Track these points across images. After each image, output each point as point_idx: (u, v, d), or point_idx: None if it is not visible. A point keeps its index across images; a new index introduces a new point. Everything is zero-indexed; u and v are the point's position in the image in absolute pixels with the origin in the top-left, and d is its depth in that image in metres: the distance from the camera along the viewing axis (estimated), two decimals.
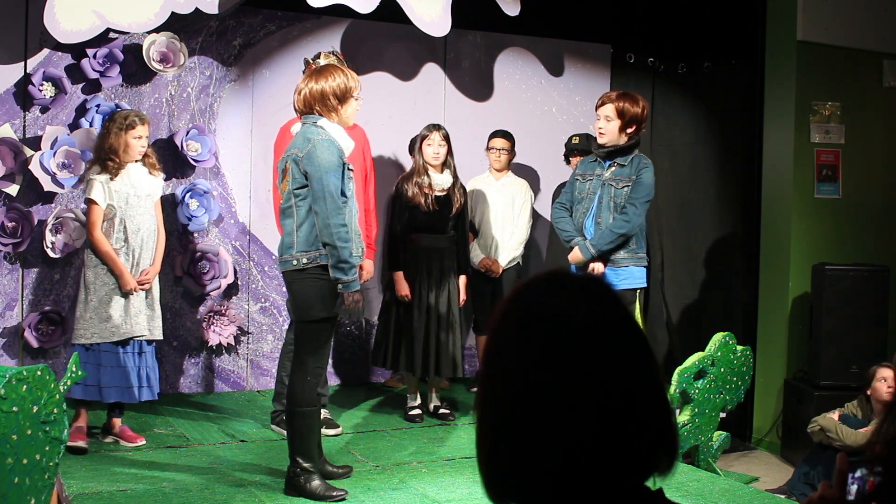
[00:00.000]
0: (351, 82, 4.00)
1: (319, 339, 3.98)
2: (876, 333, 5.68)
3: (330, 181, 3.82)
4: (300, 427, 3.97)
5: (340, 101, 3.97)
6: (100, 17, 4.93)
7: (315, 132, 3.90)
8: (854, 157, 6.17)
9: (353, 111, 4.06)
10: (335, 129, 3.97)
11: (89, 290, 4.53)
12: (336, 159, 3.86)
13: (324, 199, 3.82)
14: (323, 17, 5.79)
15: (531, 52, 6.46)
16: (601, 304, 1.16)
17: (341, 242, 3.81)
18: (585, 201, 4.75)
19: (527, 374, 1.11)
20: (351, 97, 4.00)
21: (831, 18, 6.06)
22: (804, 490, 4.84)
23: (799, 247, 6.05)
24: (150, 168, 4.71)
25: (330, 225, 3.81)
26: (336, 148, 3.89)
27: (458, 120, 6.15)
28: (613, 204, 4.65)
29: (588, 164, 4.84)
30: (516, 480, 1.12)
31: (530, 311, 1.15)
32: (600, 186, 4.70)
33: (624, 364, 1.12)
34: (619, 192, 4.64)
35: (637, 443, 1.11)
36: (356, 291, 3.87)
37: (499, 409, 1.14)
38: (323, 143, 3.85)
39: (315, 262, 3.87)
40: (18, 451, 3.10)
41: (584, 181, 4.78)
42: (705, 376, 4.74)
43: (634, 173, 4.65)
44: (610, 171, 4.70)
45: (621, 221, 4.60)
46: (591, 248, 4.62)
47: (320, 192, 3.82)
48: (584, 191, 4.76)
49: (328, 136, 3.90)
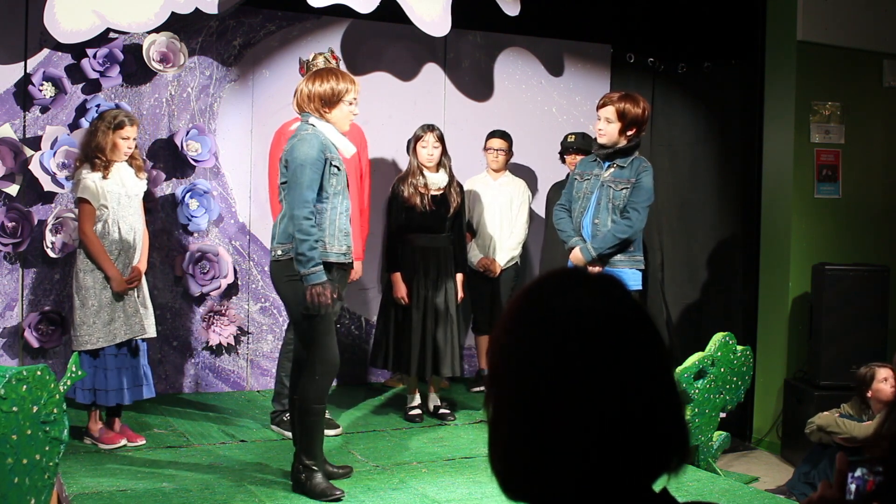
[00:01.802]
0: (341, 85, 4.04)
1: (315, 333, 3.97)
2: (876, 333, 5.68)
3: (303, 173, 3.86)
4: (306, 424, 3.98)
5: (328, 105, 4.03)
6: (100, 17, 4.93)
7: (304, 128, 4.00)
8: (854, 157, 6.17)
9: (344, 116, 4.09)
10: (326, 128, 4.02)
11: (88, 294, 4.50)
12: (315, 153, 3.90)
13: (292, 190, 3.88)
14: (323, 17, 5.79)
15: (531, 52, 6.46)
16: (618, 301, 1.15)
17: (301, 234, 3.83)
18: (582, 200, 4.76)
19: (544, 371, 1.11)
20: (340, 101, 4.04)
21: (831, 18, 6.06)
22: (804, 490, 4.84)
23: (799, 247, 6.05)
24: (137, 170, 4.69)
25: (294, 217, 3.85)
26: (318, 142, 3.93)
27: (458, 120, 6.16)
28: (612, 205, 4.65)
29: (587, 164, 4.85)
30: (533, 479, 1.11)
31: (547, 308, 1.14)
32: (598, 187, 4.71)
33: (641, 361, 1.12)
34: (617, 194, 4.65)
35: (652, 441, 1.11)
36: (318, 285, 3.84)
37: (513, 406, 1.13)
38: (305, 138, 3.92)
39: (288, 255, 3.92)
40: (18, 451, 3.10)
41: (582, 180, 4.79)
42: (705, 376, 4.74)
43: (634, 176, 4.65)
44: (609, 172, 4.70)
45: (624, 226, 4.61)
46: (593, 251, 4.62)
47: (292, 183, 3.89)
48: (582, 190, 4.77)
49: (314, 132, 3.97)
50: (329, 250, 3.98)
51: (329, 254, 3.98)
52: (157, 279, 5.39)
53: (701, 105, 6.64)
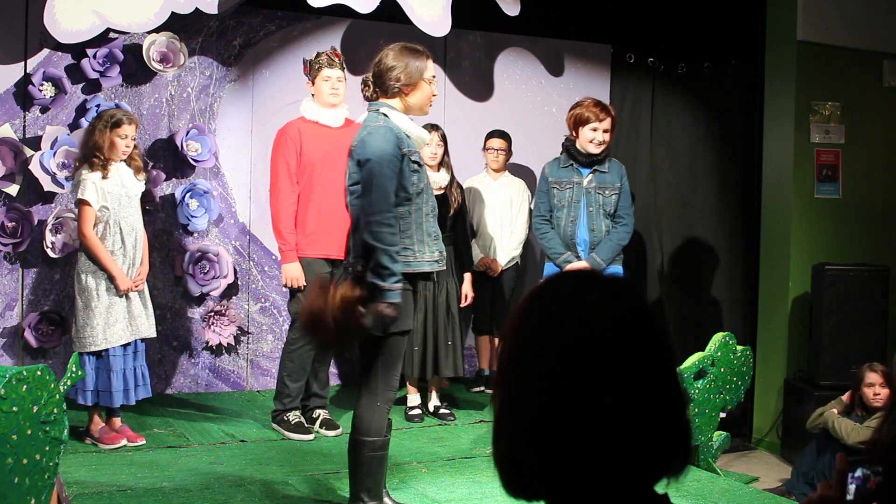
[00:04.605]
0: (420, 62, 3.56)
1: (392, 357, 3.49)
2: (876, 333, 5.68)
3: (382, 172, 3.35)
4: (367, 460, 3.48)
5: (407, 87, 3.54)
6: (100, 17, 4.93)
7: (373, 119, 3.51)
8: (854, 157, 6.17)
9: (426, 98, 3.61)
10: (400, 118, 3.52)
11: (91, 296, 4.49)
12: (391, 148, 3.39)
13: (370, 191, 3.35)
14: (323, 17, 5.79)
15: (531, 52, 6.46)
16: (627, 304, 1.16)
17: (381, 244, 3.32)
18: (569, 209, 4.85)
19: (551, 370, 1.11)
20: (422, 80, 3.56)
21: (831, 18, 6.06)
22: (804, 490, 4.84)
23: (799, 247, 6.05)
24: (136, 171, 4.69)
25: (371, 223, 3.34)
26: (393, 136, 3.42)
27: (458, 120, 6.15)
28: (603, 212, 4.87)
29: (560, 171, 4.94)
30: (536, 477, 1.12)
31: (557, 308, 1.15)
32: (584, 194, 4.82)
33: (648, 363, 1.13)
34: (608, 200, 4.87)
35: (655, 442, 1.11)
36: (390, 304, 3.33)
37: (520, 404, 1.13)
38: (379, 130, 3.43)
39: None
40: (18, 451, 3.10)
41: (563, 189, 4.88)
42: (705, 376, 4.75)
43: (619, 180, 4.90)
44: (590, 179, 4.87)
45: (624, 234, 4.90)
46: (602, 262, 4.81)
47: (367, 185, 3.37)
48: (565, 199, 4.88)
49: (386, 123, 3.47)
50: (420, 259, 3.50)
51: (421, 263, 3.50)
52: (157, 279, 5.39)
53: (701, 105, 6.64)
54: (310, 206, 4.85)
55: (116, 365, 4.51)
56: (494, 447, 1.17)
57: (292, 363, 4.87)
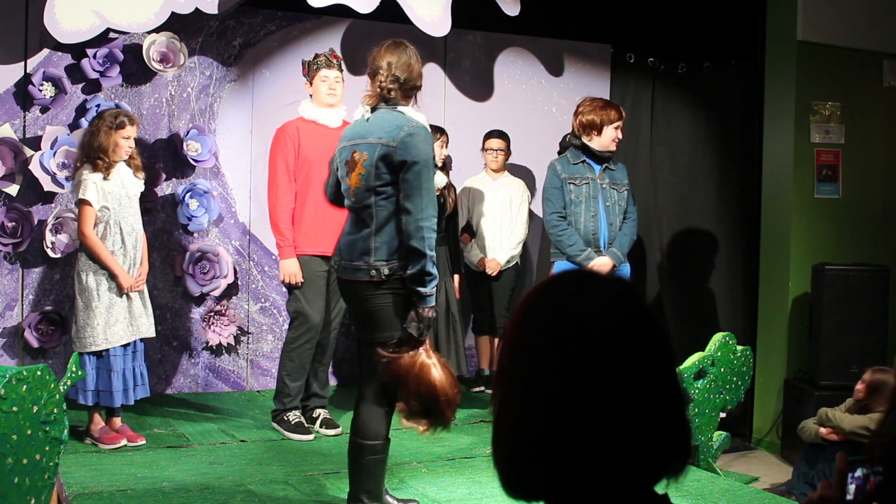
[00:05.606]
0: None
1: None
2: (876, 333, 5.68)
3: (429, 176, 3.35)
4: (370, 463, 3.49)
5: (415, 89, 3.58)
6: (100, 17, 4.93)
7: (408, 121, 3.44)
8: (854, 157, 6.17)
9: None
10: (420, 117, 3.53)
11: (92, 296, 4.49)
12: (432, 151, 3.43)
13: (420, 195, 3.31)
14: (323, 17, 5.79)
15: (531, 52, 6.46)
16: (628, 304, 1.16)
17: (430, 250, 3.32)
18: (588, 205, 4.85)
19: (551, 370, 1.11)
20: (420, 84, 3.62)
21: (831, 18, 6.06)
22: (804, 490, 4.84)
23: (799, 247, 6.05)
24: (135, 170, 4.69)
25: (423, 228, 3.31)
26: (431, 138, 3.47)
27: (458, 120, 6.15)
28: (619, 207, 4.96)
29: (571, 168, 4.92)
30: (536, 477, 1.12)
31: (561, 309, 1.15)
32: (599, 190, 4.86)
33: (648, 364, 1.13)
34: (622, 196, 4.97)
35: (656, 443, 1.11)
36: (432, 308, 3.38)
37: (520, 404, 1.13)
38: (420, 131, 3.39)
39: (396, 272, 3.38)
40: (18, 451, 3.10)
41: (579, 185, 4.87)
42: (705, 376, 4.75)
43: (625, 177, 5.03)
44: (603, 175, 4.92)
45: (634, 229, 5.03)
46: (623, 256, 4.91)
47: (414, 188, 3.32)
48: (581, 195, 4.87)
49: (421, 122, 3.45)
50: None
51: None
52: (157, 279, 5.39)
53: (701, 105, 6.64)
54: (306, 204, 4.85)
55: (117, 365, 4.51)
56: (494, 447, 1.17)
57: (292, 362, 4.87)
